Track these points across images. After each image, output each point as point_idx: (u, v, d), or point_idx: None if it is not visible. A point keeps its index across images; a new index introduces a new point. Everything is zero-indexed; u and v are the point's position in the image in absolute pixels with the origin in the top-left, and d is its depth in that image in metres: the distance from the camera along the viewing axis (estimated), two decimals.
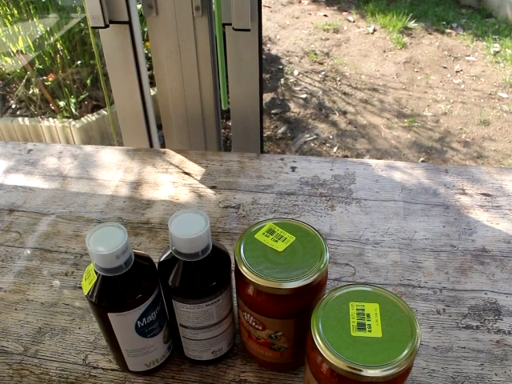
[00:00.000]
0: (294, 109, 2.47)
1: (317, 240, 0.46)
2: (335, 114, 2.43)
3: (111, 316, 0.44)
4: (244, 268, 0.44)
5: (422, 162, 2.11)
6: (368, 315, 0.40)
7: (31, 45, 2.01)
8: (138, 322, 0.46)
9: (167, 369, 0.53)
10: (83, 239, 0.70)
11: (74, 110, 2.00)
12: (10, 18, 1.99)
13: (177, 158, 0.85)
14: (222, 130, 2.05)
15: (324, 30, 3.17)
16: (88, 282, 0.44)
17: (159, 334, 0.49)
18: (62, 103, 2.02)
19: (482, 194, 0.76)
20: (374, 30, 3.14)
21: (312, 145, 2.22)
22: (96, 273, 0.43)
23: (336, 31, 3.16)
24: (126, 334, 0.46)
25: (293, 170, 0.81)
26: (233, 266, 0.47)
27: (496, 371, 0.52)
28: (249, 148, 0.96)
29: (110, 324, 0.45)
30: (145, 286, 0.45)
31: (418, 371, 0.53)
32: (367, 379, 0.36)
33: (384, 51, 2.93)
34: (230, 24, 0.79)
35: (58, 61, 2.05)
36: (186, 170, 0.82)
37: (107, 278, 0.43)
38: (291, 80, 2.70)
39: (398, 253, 0.66)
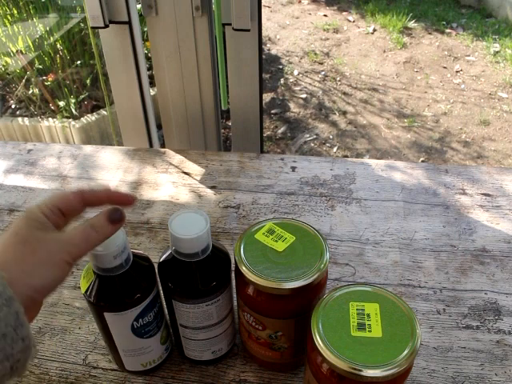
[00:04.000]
0: (294, 109, 2.47)
1: (317, 240, 0.46)
2: (335, 113, 2.43)
3: (107, 315, 0.44)
4: (244, 268, 0.44)
5: (422, 161, 2.11)
6: (368, 315, 0.40)
7: (31, 45, 2.01)
8: (135, 323, 0.45)
9: (167, 369, 0.53)
10: None
11: (73, 110, 2.00)
12: (9, 17, 1.99)
13: (177, 158, 0.85)
14: (222, 130, 2.05)
15: (324, 29, 3.17)
16: (86, 280, 0.44)
17: (156, 335, 0.49)
18: (61, 103, 2.02)
19: (482, 193, 0.76)
20: (374, 30, 3.14)
21: (312, 145, 2.22)
22: (94, 272, 0.43)
23: (336, 31, 3.16)
24: (122, 333, 0.46)
25: (293, 170, 0.81)
26: (233, 266, 0.47)
27: (496, 371, 0.52)
28: (249, 148, 0.96)
29: (106, 323, 0.45)
30: (142, 286, 0.45)
31: (417, 371, 0.53)
32: (367, 379, 0.36)
33: (384, 51, 2.93)
34: (230, 24, 0.79)
35: (58, 61, 2.05)
36: (186, 170, 0.82)
37: (105, 278, 0.43)
38: (291, 80, 2.70)
39: (398, 253, 0.66)
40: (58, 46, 2.05)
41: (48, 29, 2.02)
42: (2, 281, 0.31)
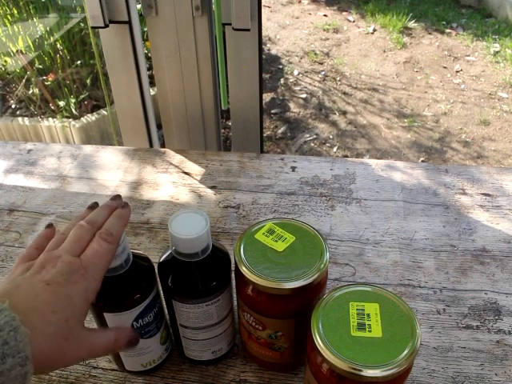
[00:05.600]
0: (294, 109, 2.47)
1: (317, 240, 0.46)
2: (335, 113, 2.43)
3: (107, 316, 0.44)
4: (244, 268, 0.44)
5: (422, 161, 2.11)
6: (368, 315, 0.40)
7: (31, 45, 2.01)
8: (134, 323, 0.45)
9: (167, 369, 0.53)
10: None
11: (73, 110, 2.00)
12: (9, 17, 1.99)
13: (177, 157, 0.85)
14: (222, 130, 2.05)
15: (324, 29, 3.17)
16: None
17: (156, 335, 0.49)
18: (61, 103, 2.02)
19: (482, 193, 0.76)
20: (374, 30, 3.14)
21: (312, 145, 2.22)
22: None
23: (336, 31, 3.16)
24: None
25: (293, 170, 0.81)
26: (233, 266, 0.47)
27: (496, 371, 0.52)
28: (249, 148, 0.96)
29: (106, 323, 0.45)
30: (142, 286, 0.45)
31: (417, 371, 0.53)
32: (367, 379, 0.36)
33: (384, 51, 2.93)
34: (230, 24, 0.79)
35: (58, 61, 2.05)
36: (186, 170, 0.82)
37: (104, 278, 0.42)
38: (291, 80, 2.70)
39: (398, 253, 0.66)
40: (58, 45, 2.05)
41: (48, 29, 2.02)
42: (25, 338, 0.30)
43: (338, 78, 2.70)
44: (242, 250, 0.45)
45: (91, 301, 0.37)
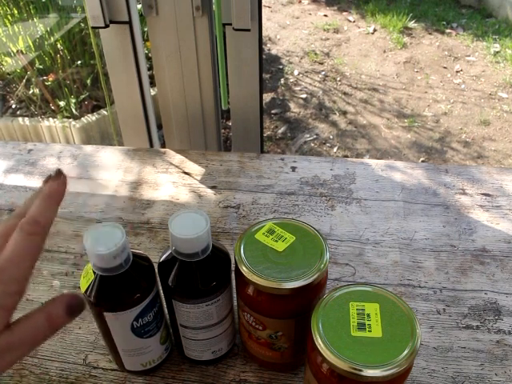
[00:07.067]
0: (294, 109, 2.47)
1: (317, 240, 0.46)
2: (335, 113, 2.43)
3: (107, 315, 0.44)
4: (244, 268, 0.44)
5: (422, 161, 2.11)
6: (368, 315, 0.40)
7: (31, 45, 2.01)
8: (134, 323, 0.45)
9: (167, 369, 0.53)
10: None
11: (74, 110, 2.00)
12: (9, 17, 1.99)
13: (177, 157, 0.85)
14: (222, 130, 2.05)
15: (324, 29, 3.17)
16: (86, 280, 0.44)
17: (156, 335, 0.49)
18: (62, 103, 2.02)
19: (482, 193, 0.76)
20: (374, 30, 3.14)
21: (312, 145, 2.22)
22: (94, 272, 0.43)
23: (336, 31, 3.16)
24: (122, 333, 0.46)
25: (293, 170, 0.81)
26: (233, 266, 0.47)
27: (496, 371, 0.52)
28: (249, 148, 0.96)
29: (106, 323, 0.45)
30: (142, 286, 0.45)
31: (417, 371, 0.53)
32: (367, 379, 0.36)
33: (384, 51, 2.93)
34: (230, 24, 0.79)
35: (58, 61, 2.05)
36: (186, 170, 0.82)
37: (104, 278, 0.43)
38: (291, 80, 2.70)
39: (398, 253, 0.66)
40: (59, 45, 2.05)
41: (48, 29, 2.02)
42: None
43: (338, 78, 2.70)
44: (242, 250, 0.45)
45: (13, 306, 0.31)
